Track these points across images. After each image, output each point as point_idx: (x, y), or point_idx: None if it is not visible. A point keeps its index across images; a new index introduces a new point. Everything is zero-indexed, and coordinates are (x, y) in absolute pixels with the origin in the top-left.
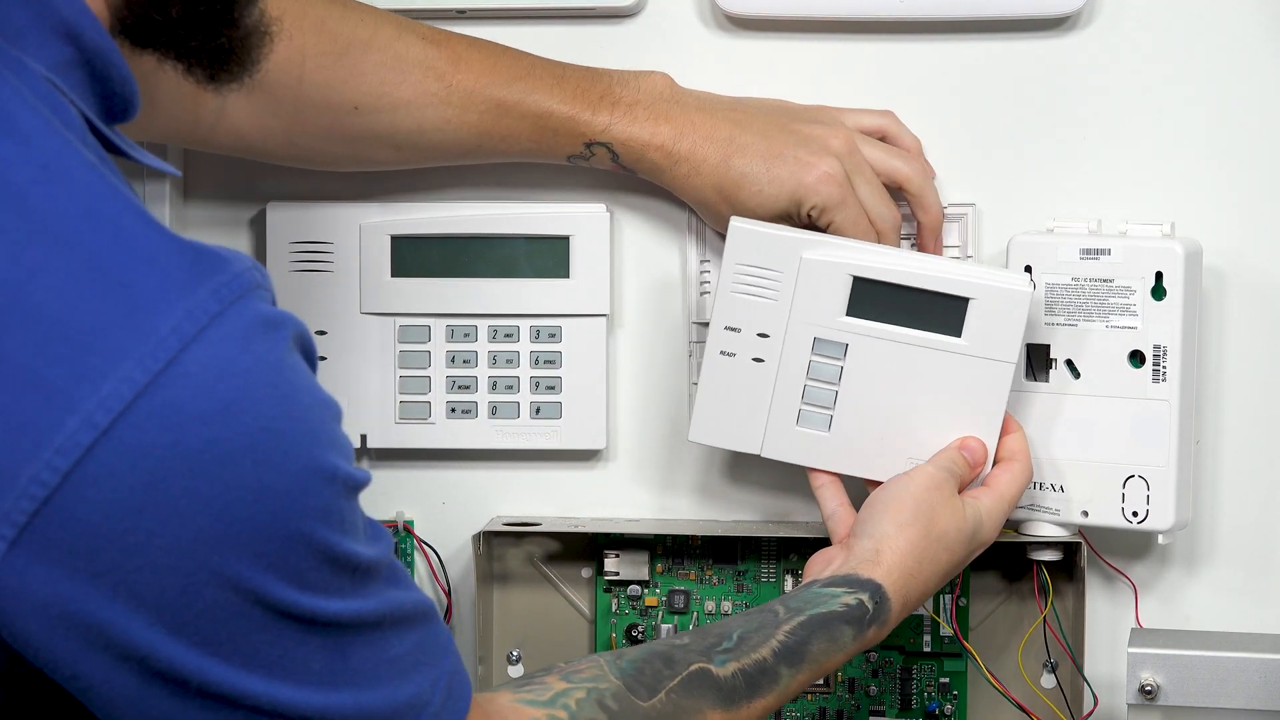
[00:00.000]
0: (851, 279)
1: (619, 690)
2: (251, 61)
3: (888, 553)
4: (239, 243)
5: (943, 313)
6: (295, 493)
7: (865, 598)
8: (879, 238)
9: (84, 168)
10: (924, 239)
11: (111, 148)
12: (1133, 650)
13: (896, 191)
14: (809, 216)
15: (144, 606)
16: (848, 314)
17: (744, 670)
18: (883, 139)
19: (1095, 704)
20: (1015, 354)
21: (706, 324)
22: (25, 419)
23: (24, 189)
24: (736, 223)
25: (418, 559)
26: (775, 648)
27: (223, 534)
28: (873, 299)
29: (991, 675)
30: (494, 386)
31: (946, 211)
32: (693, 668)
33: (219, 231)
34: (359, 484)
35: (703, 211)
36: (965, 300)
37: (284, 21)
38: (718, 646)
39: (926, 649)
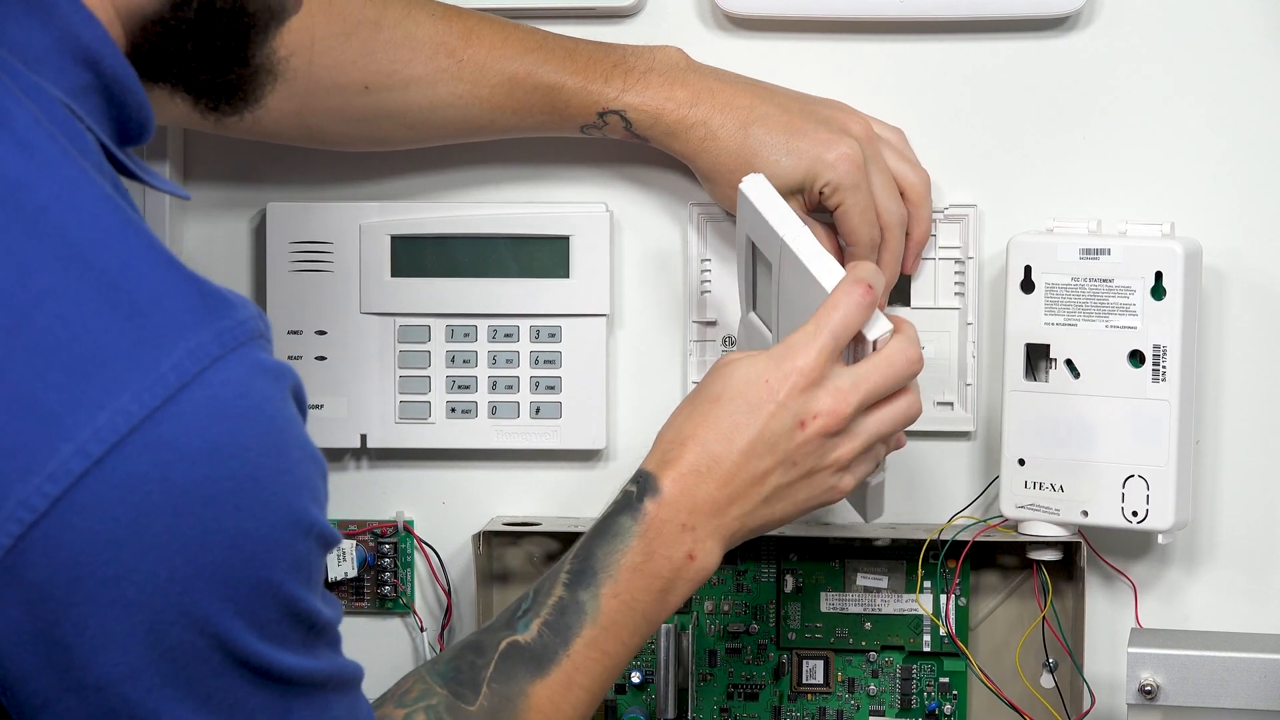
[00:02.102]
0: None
1: (449, 701)
2: (255, 99)
3: (655, 441)
4: (239, 242)
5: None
6: (271, 541)
7: (628, 484)
8: (884, 231)
9: (99, 199)
10: (908, 252)
11: (125, 171)
12: (1132, 650)
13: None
14: (820, 195)
15: (112, 641)
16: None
17: (547, 622)
18: None
19: (1092, 703)
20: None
21: (708, 323)
22: (18, 442)
23: (39, 213)
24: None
25: (418, 559)
26: (565, 580)
27: (196, 573)
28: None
29: (985, 675)
30: (494, 386)
31: (947, 212)
32: (501, 646)
33: (219, 231)
34: (331, 542)
35: (714, 182)
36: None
37: (291, 61)
38: (517, 612)
39: (926, 649)
